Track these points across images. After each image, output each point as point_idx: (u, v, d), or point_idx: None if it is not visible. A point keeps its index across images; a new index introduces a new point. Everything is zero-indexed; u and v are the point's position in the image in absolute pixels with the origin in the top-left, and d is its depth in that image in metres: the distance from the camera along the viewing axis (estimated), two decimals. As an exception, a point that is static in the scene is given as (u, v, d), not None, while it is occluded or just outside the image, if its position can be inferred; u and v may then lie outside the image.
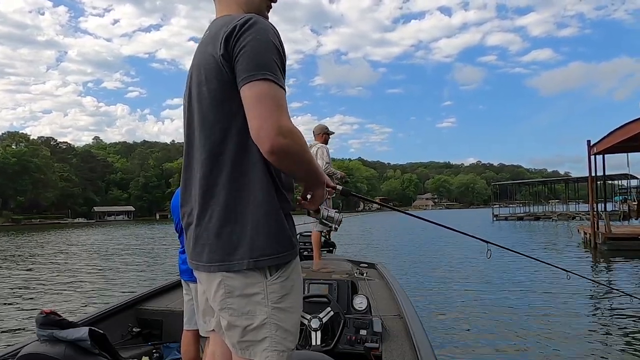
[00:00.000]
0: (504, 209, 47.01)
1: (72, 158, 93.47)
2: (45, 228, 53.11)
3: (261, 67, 1.03)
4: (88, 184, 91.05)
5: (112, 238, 28.31)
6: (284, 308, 1.09)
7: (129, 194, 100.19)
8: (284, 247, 1.10)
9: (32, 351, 1.59)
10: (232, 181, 1.09)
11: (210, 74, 1.10)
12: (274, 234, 1.09)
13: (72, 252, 18.56)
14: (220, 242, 1.09)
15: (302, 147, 1.07)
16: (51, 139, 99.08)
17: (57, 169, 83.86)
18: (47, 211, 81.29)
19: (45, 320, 1.62)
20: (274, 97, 1.03)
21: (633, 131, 11.49)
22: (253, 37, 1.05)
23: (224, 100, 1.09)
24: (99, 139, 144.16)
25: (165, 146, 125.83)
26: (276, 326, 1.08)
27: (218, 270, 1.10)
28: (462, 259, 12.65)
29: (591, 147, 14.66)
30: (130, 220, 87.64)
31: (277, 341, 1.09)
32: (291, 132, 1.04)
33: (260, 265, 1.07)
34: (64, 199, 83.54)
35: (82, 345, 1.64)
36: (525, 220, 38.09)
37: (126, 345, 2.57)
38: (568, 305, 6.57)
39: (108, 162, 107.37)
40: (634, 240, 12.65)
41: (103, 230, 42.33)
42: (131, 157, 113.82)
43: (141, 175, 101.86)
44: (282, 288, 1.09)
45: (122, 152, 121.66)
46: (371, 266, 4.66)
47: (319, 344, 2.40)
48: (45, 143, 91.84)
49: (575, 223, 24.28)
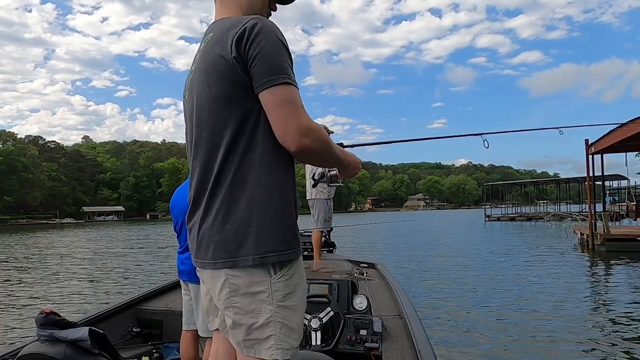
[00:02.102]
0: (495, 209, 47.38)
1: (60, 157, 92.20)
2: (34, 228, 52.35)
3: (278, 70, 1.07)
4: (77, 183, 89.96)
5: (111, 238, 28.04)
6: (289, 306, 1.11)
7: (119, 194, 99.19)
8: (288, 245, 1.12)
9: (32, 351, 1.58)
10: (237, 180, 1.11)
11: (221, 75, 1.10)
12: (279, 232, 1.11)
13: (71, 252, 18.37)
14: (226, 239, 1.10)
15: (325, 142, 1.13)
16: (39, 137, 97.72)
17: (45, 169, 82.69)
18: (35, 211, 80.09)
19: (45, 320, 1.61)
20: (293, 100, 1.08)
21: (632, 131, 11.29)
22: (266, 40, 1.08)
23: (232, 101, 1.11)
24: (89, 138, 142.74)
25: (156, 146, 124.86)
26: (281, 324, 1.09)
27: (223, 266, 1.11)
28: (462, 259, 12.71)
29: (589, 147, 14.29)
30: (120, 220, 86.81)
31: (282, 339, 1.10)
32: (312, 130, 1.09)
33: (265, 262, 1.09)
34: (52, 199, 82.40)
35: (82, 345, 1.64)
36: (517, 220, 38.32)
37: (126, 345, 2.55)
38: (568, 305, 6.59)
39: (98, 162, 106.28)
40: (633, 242, 12.47)
41: (94, 230, 41.84)
42: (121, 156, 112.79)
43: (131, 175, 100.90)
44: (287, 286, 1.11)
45: (112, 151, 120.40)
46: (371, 266, 4.65)
47: (319, 344, 2.39)
48: (33, 142, 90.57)
49: (567, 224, 24.40)
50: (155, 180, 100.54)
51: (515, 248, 15.67)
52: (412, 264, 11.69)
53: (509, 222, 36.94)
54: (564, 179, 44.92)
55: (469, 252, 14.69)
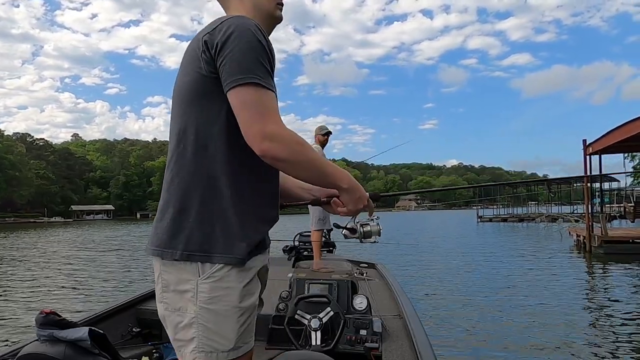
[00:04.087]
0: (487, 210, 47.69)
1: (49, 155, 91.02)
2: (20, 227, 51.53)
3: (246, 70, 1.03)
4: (66, 182, 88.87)
5: (110, 238, 27.73)
6: (214, 310, 1.06)
7: (109, 193, 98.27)
8: (222, 249, 1.07)
9: (32, 351, 1.57)
10: (190, 176, 1.10)
11: (192, 70, 1.10)
12: (218, 234, 1.08)
13: (71, 253, 18.17)
14: (163, 229, 1.10)
15: (296, 151, 1.05)
16: (27, 135, 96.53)
17: (33, 166, 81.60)
18: (22, 210, 78.93)
19: (45, 320, 1.59)
20: (258, 101, 1.03)
21: (631, 131, 11.12)
22: (239, 39, 1.04)
23: (197, 97, 1.10)
24: (78, 136, 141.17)
25: (147, 144, 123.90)
26: (203, 327, 1.07)
27: (152, 253, 1.12)
28: (460, 261, 12.76)
29: (587, 147, 14.10)
30: (110, 219, 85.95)
31: (205, 342, 1.07)
32: (277, 135, 1.03)
33: (192, 260, 1.06)
34: (40, 198, 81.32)
35: (82, 345, 1.62)
36: (509, 222, 38.46)
37: (126, 345, 2.53)
38: (569, 308, 6.60)
39: (87, 160, 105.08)
40: (631, 244, 12.42)
41: (84, 229, 41.34)
42: (111, 155, 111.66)
43: (122, 173, 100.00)
44: (213, 289, 1.06)
45: (102, 149, 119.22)
46: (371, 266, 4.63)
47: (319, 344, 2.39)
48: (20, 139, 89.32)
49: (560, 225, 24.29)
50: (146, 179, 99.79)
51: (512, 250, 15.67)
52: (412, 264, 11.71)
53: (501, 223, 37.18)
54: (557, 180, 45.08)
55: (466, 253, 14.68)
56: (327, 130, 5.18)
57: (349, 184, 1.15)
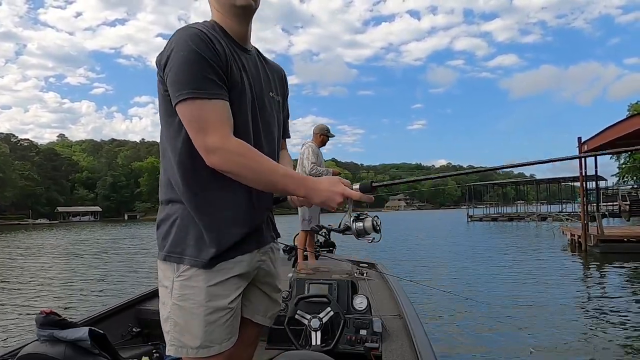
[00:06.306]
0: (477, 209, 47.99)
1: (34, 156, 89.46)
2: (3, 229, 50.40)
3: (181, 86, 1.05)
4: (51, 183, 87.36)
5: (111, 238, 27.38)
6: (184, 307, 1.14)
7: (96, 194, 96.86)
8: (191, 252, 1.15)
9: (32, 351, 1.56)
10: (167, 187, 1.20)
11: (158, 90, 1.17)
12: (190, 238, 1.16)
13: (70, 253, 17.94)
14: (159, 232, 1.22)
15: (235, 162, 1.06)
16: (11, 135, 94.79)
17: (17, 167, 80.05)
18: (7, 212, 77.34)
19: (45, 320, 1.58)
20: (196, 116, 1.05)
21: (627, 129, 10.80)
22: (175, 54, 1.07)
23: (164, 115, 1.17)
24: (64, 137, 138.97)
25: (135, 145, 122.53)
26: (174, 322, 1.15)
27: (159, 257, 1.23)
28: (457, 260, 12.78)
29: (582, 145, 13.75)
30: (97, 220, 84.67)
31: (175, 337, 1.16)
32: (219, 149, 1.05)
33: (169, 260, 1.17)
34: (25, 199, 79.79)
35: (82, 345, 1.62)
36: (499, 221, 38.59)
37: (126, 345, 2.51)
38: (568, 307, 6.63)
39: (73, 161, 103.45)
40: (627, 243, 12.34)
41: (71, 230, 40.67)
42: (98, 155, 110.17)
43: (109, 174, 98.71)
44: (183, 288, 1.15)
45: (88, 150, 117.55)
46: (371, 266, 4.63)
47: (319, 344, 2.38)
48: (4, 140, 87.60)
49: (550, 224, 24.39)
50: (133, 180, 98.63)
51: (508, 249, 15.66)
52: (411, 264, 11.69)
53: (491, 223, 37.32)
54: (546, 180, 45.59)
55: (463, 253, 14.62)
56: (330, 134, 5.12)
57: (306, 191, 1.12)
